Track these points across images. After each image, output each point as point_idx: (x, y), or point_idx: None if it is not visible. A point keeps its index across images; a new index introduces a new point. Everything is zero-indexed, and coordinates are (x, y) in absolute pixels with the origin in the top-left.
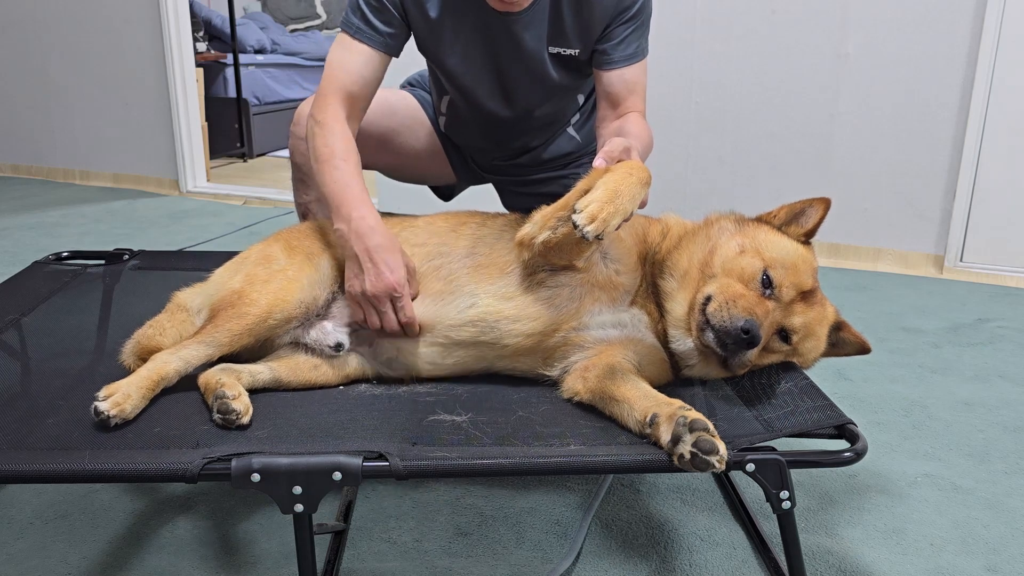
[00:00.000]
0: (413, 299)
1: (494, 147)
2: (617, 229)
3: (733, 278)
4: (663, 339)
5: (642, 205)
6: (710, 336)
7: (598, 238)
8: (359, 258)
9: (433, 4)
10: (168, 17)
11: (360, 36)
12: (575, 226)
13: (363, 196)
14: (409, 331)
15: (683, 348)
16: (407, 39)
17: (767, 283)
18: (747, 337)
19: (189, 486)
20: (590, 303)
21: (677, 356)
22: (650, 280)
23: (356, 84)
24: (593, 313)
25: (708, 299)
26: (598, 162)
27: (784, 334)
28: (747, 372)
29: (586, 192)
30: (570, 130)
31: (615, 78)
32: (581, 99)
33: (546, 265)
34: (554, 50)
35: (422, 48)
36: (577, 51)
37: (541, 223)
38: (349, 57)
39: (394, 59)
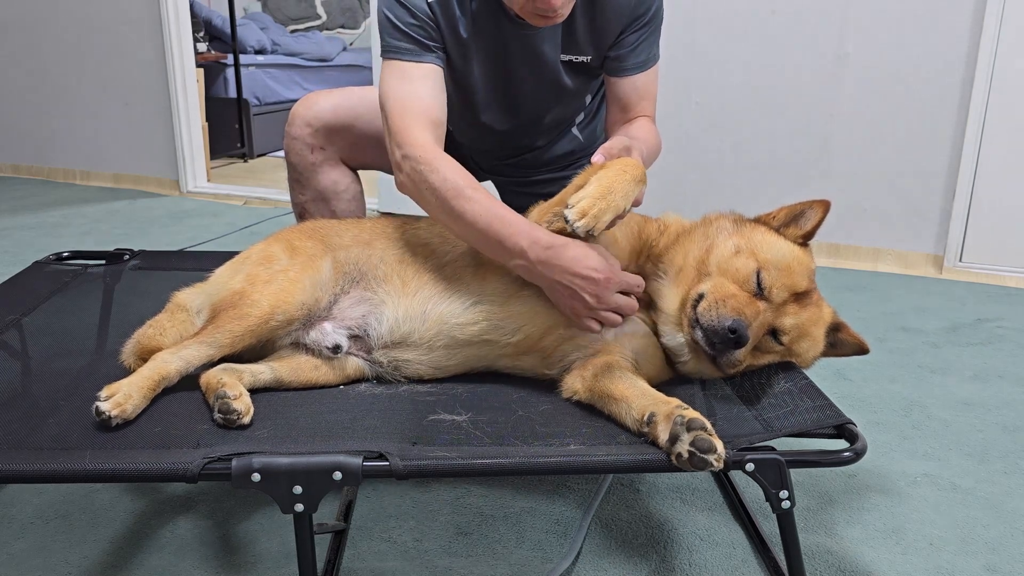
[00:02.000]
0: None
1: (496, 150)
2: (610, 226)
3: (727, 278)
4: (659, 335)
5: (636, 203)
6: (699, 334)
7: (589, 233)
8: (562, 283)
9: (464, 24)
10: (168, 17)
11: (413, 57)
12: (566, 221)
13: (517, 219)
14: (641, 292)
15: (673, 343)
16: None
17: (759, 284)
18: (734, 337)
19: (189, 486)
20: None
21: (669, 351)
22: (644, 277)
23: (433, 108)
24: None
25: (700, 297)
26: (596, 157)
27: (776, 335)
28: (746, 372)
29: (581, 188)
30: (574, 130)
31: (627, 85)
32: (588, 99)
33: None
34: (566, 58)
35: (448, 66)
36: (589, 58)
37: (536, 219)
38: (413, 84)
39: None
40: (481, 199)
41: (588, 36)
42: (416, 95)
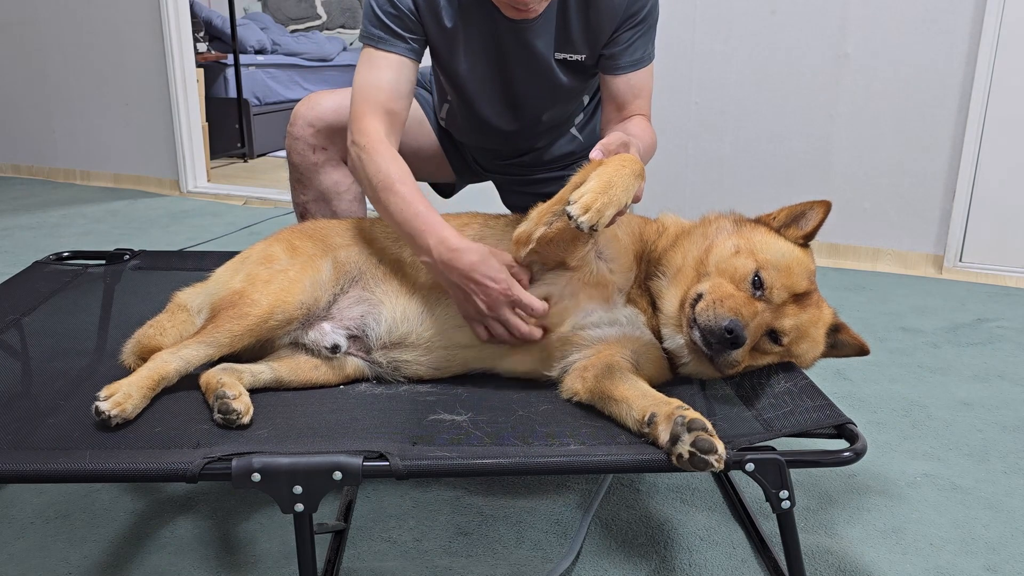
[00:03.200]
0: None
1: (496, 148)
2: (611, 222)
3: (726, 278)
4: (659, 337)
5: (636, 199)
6: (697, 334)
7: (593, 229)
8: (458, 285)
9: (448, 13)
10: (168, 17)
11: (384, 46)
12: (570, 217)
13: (433, 218)
14: (541, 322)
15: (674, 345)
16: (426, 46)
17: (758, 284)
18: (730, 337)
19: (189, 486)
20: (585, 301)
21: (670, 353)
22: (644, 278)
23: (391, 99)
24: (589, 312)
25: (699, 297)
26: (595, 154)
27: (775, 336)
28: (746, 372)
29: (581, 185)
30: (573, 131)
31: (621, 83)
32: (586, 99)
33: (542, 263)
34: (560, 56)
35: (435, 57)
36: (584, 56)
37: (536, 219)
38: (378, 72)
39: None
40: (406, 194)
41: (583, 35)
42: (376, 84)
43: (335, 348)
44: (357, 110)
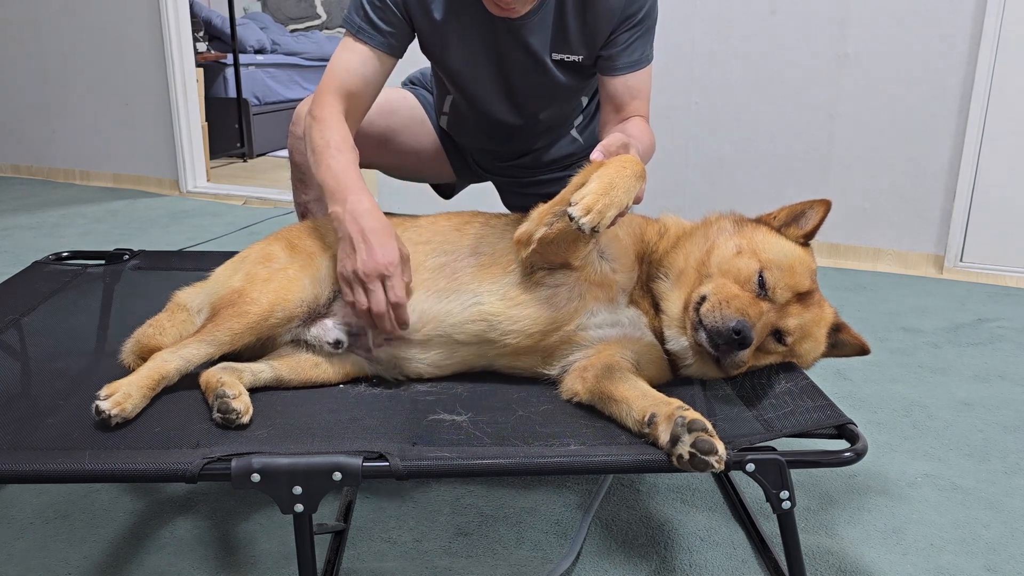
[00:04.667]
0: (408, 289)
1: (497, 148)
2: (613, 223)
3: (729, 279)
4: (661, 338)
5: (637, 200)
6: (703, 336)
7: (594, 230)
8: (352, 238)
9: (438, 5)
10: (168, 17)
11: (361, 35)
12: (571, 219)
13: (359, 183)
14: (399, 315)
15: (678, 347)
16: (410, 40)
17: (762, 284)
18: (738, 338)
19: (189, 486)
20: (589, 301)
21: (673, 355)
22: (646, 279)
23: (355, 83)
24: (591, 312)
25: (703, 299)
26: (595, 155)
27: (779, 335)
28: (747, 372)
29: (582, 186)
30: (573, 132)
31: (619, 84)
32: (584, 100)
33: (544, 263)
34: (557, 56)
35: (425, 50)
36: (581, 57)
37: (538, 220)
38: (349, 56)
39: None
40: (341, 158)
41: (580, 35)
42: (345, 67)
43: (337, 343)
44: (321, 86)
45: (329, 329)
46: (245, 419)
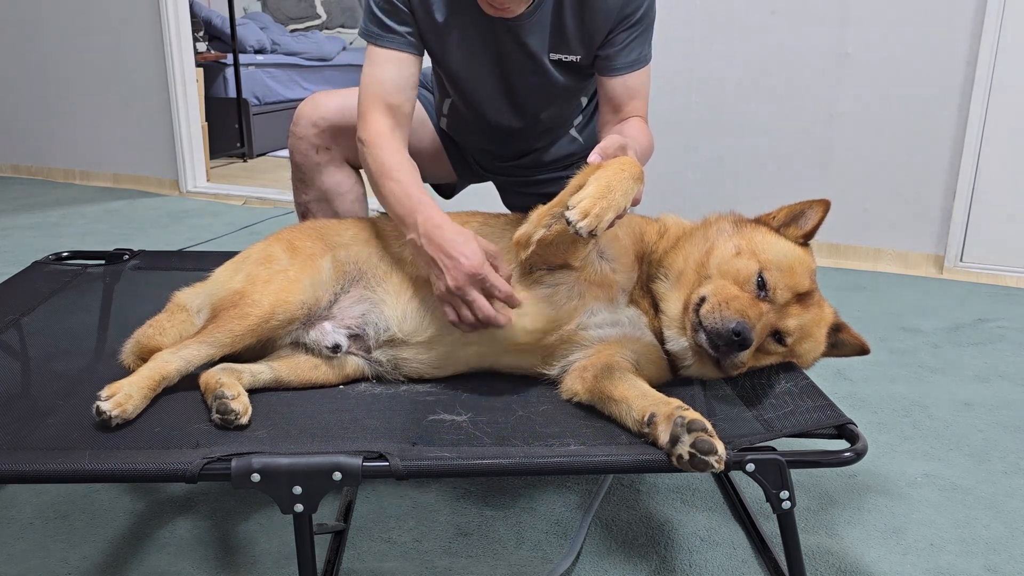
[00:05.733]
0: (508, 276)
1: (497, 149)
2: (610, 225)
3: (728, 279)
4: (660, 338)
5: (635, 202)
6: (702, 337)
7: (592, 234)
8: (434, 259)
9: (440, 7)
10: (168, 17)
11: (383, 42)
12: (568, 222)
13: (422, 200)
14: (511, 303)
15: (678, 348)
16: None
17: (762, 285)
18: (738, 339)
19: (189, 486)
20: (589, 301)
21: (673, 355)
22: (646, 279)
23: (392, 92)
24: (591, 312)
25: (702, 300)
26: (593, 157)
27: (779, 336)
28: (747, 372)
29: (579, 189)
30: (572, 132)
31: (617, 84)
32: (584, 101)
33: (544, 264)
34: (555, 57)
35: (428, 51)
36: (579, 57)
37: (536, 221)
38: (379, 68)
39: None
40: (402, 179)
41: (578, 36)
42: (378, 79)
43: (336, 348)
44: (361, 107)
45: (328, 333)
46: (244, 420)
